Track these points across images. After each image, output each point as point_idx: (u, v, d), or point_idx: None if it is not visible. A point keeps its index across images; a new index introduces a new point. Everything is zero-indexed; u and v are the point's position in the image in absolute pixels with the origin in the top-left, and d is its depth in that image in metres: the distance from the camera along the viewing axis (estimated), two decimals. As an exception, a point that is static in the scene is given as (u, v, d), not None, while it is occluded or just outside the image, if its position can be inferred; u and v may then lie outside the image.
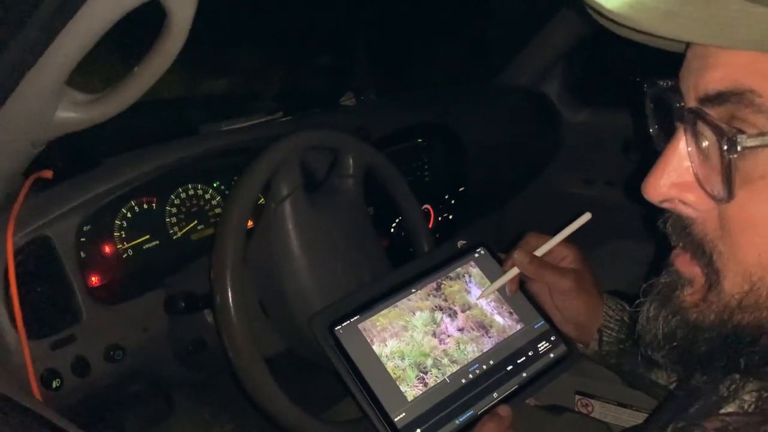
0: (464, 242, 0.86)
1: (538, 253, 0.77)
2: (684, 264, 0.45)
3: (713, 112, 0.40)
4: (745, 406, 0.45)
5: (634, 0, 0.36)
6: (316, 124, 1.10)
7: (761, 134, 0.37)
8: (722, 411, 0.46)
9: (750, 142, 0.37)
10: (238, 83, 1.44)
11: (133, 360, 0.85)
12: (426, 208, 1.29)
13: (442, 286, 0.81)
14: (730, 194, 0.39)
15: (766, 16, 0.34)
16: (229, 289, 0.72)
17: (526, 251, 0.77)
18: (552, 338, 0.80)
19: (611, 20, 0.39)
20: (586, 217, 0.75)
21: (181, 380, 1.01)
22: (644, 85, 0.48)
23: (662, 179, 0.43)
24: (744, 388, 0.46)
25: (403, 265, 0.83)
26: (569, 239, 0.77)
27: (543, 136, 1.65)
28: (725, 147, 0.38)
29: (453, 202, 1.35)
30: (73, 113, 0.58)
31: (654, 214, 0.47)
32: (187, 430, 1.09)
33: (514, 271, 0.78)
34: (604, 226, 1.14)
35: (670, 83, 0.45)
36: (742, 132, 0.38)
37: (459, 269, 0.83)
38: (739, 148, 0.37)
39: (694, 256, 0.44)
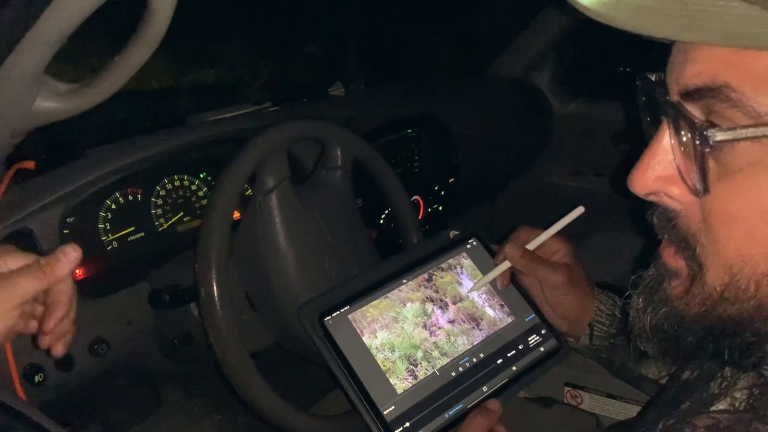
0: (456, 233, 0.86)
1: (530, 246, 0.76)
2: (670, 256, 0.46)
3: (694, 107, 0.40)
4: (737, 404, 0.45)
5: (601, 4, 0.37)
6: (304, 114, 1.09)
7: (733, 128, 0.37)
8: (713, 408, 0.46)
9: (721, 136, 0.38)
10: (226, 73, 1.42)
11: (118, 354, 0.84)
12: (416, 200, 1.28)
13: (434, 277, 0.80)
14: (705, 188, 0.40)
15: (739, 10, 0.34)
16: (215, 283, 0.71)
17: (517, 245, 0.76)
18: (543, 332, 0.79)
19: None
20: (579, 210, 0.74)
21: (168, 374, 1.00)
22: (636, 79, 0.48)
23: (647, 172, 0.44)
24: (735, 385, 0.46)
25: (395, 256, 0.82)
26: (561, 233, 0.76)
27: (533, 127, 1.65)
28: (697, 141, 0.39)
29: (443, 193, 1.35)
30: (53, 103, 0.56)
31: (642, 205, 0.48)
32: (175, 423, 1.08)
33: (505, 265, 0.78)
34: (593, 218, 1.14)
35: (660, 76, 0.45)
36: (714, 126, 0.38)
37: (451, 260, 0.82)
38: (711, 142, 0.38)
39: (678, 249, 0.44)
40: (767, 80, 0.36)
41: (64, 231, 0.82)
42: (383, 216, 1.19)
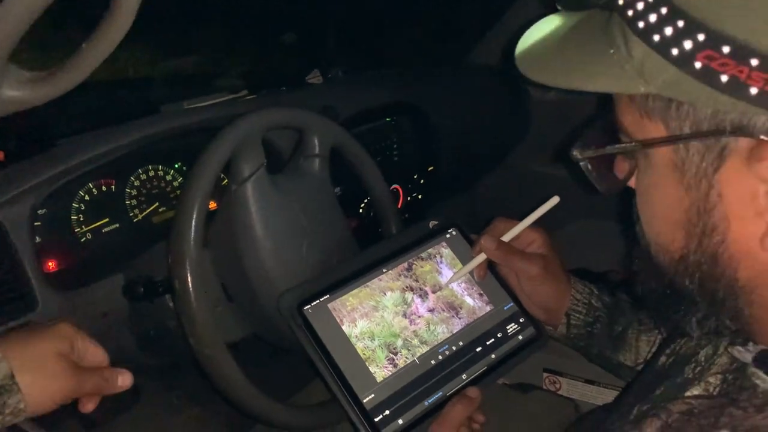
0: (436, 222, 0.86)
1: (506, 238, 0.77)
2: None
3: None
4: (711, 389, 0.45)
5: (521, 50, 0.47)
6: (280, 102, 1.07)
7: (602, 147, 0.46)
8: (687, 394, 0.46)
9: (580, 153, 0.47)
10: (202, 61, 1.39)
11: (93, 347, 0.82)
12: (395, 188, 1.28)
13: (414, 266, 0.80)
14: (605, 189, 0.49)
15: (593, 68, 0.41)
16: (188, 274, 0.70)
17: (493, 237, 0.77)
18: (521, 320, 0.80)
19: None
20: (554, 200, 0.75)
21: (146, 367, 0.99)
22: None
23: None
24: (709, 370, 0.47)
25: (375, 245, 0.82)
26: (537, 222, 0.77)
27: (512, 115, 1.65)
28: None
29: (422, 181, 1.34)
30: (18, 91, 0.54)
31: (621, 193, 0.51)
32: (154, 416, 1.07)
33: (481, 258, 0.78)
34: (573, 204, 1.14)
35: None
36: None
37: (431, 249, 0.82)
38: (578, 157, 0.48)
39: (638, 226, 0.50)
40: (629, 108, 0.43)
41: (35, 223, 0.81)
42: (363, 205, 1.19)
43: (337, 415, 0.78)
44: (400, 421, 0.68)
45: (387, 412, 0.68)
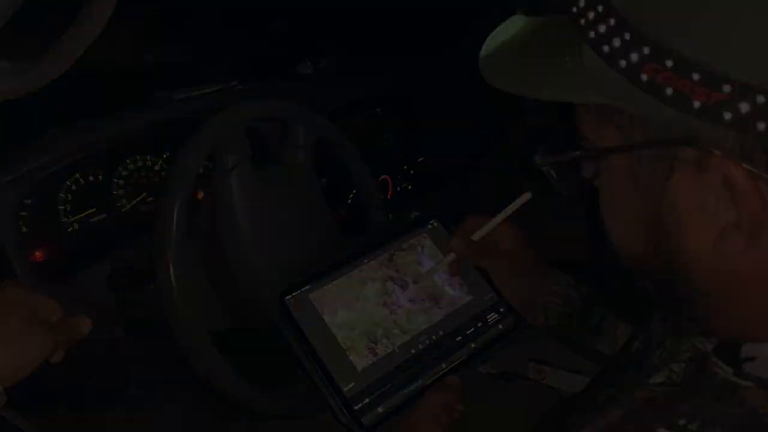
0: (417, 214, 0.87)
1: (476, 236, 0.77)
2: None
3: None
4: (674, 377, 0.46)
5: (485, 53, 0.47)
6: (270, 93, 1.08)
7: (561, 153, 0.46)
8: (652, 381, 0.47)
9: (541, 159, 0.47)
10: (191, 50, 1.39)
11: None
12: (384, 179, 1.28)
13: (395, 257, 0.81)
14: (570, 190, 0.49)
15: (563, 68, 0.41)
16: (171, 264, 0.70)
17: (462, 236, 0.78)
18: (501, 310, 0.81)
19: None
20: (526, 197, 0.75)
21: (136, 355, 0.99)
22: None
23: None
24: (673, 357, 0.47)
25: (357, 236, 0.82)
26: (510, 218, 0.77)
27: (503, 105, 1.65)
28: None
29: (412, 172, 1.35)
30: (1, 82, 0.55)
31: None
32: (145, 404, 1.08)
33: (451, 257, 0.79)
34: (559, 197, 1.14)
35: None
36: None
37: (412, 240, 0.83)
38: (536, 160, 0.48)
39: None
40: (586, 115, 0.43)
41: (22, 213, 0.81)
42: (351, 196, 1.19)
43: (318, 403, 0.79)
44: (380, 409, 0.69)
45: (367, 400, 0.69)
